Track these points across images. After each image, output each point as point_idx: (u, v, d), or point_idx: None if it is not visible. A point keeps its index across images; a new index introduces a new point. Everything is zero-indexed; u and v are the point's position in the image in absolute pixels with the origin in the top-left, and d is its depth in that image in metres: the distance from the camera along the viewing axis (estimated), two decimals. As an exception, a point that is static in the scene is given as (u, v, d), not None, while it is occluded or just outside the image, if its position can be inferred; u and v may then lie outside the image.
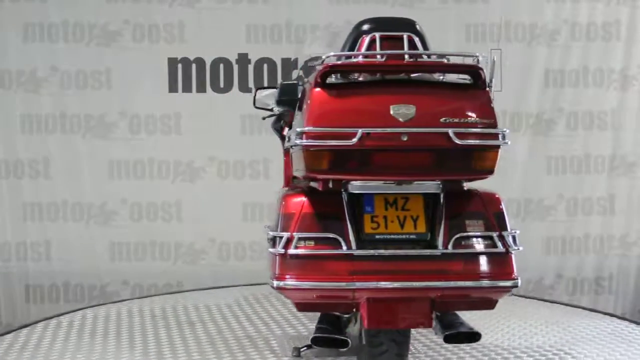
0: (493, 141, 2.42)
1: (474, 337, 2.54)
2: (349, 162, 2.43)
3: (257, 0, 5.33)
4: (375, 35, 2.67)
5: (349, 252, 2.44)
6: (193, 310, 4.31)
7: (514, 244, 2.49)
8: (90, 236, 5.30)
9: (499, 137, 2.42)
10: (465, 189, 2.61)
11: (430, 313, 2.46)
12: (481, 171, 2.47)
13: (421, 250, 2.47)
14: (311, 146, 2.40)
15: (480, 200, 2.55)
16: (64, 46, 5.24)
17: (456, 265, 2.45)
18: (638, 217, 5.50)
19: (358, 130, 2.36)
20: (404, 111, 2.39)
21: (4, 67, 5.23)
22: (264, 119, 3.77)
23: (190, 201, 5.32)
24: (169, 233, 5.31)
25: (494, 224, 2.50)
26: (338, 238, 2.44)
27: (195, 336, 3.74)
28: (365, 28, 2.87)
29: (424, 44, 2.77)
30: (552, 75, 5.45)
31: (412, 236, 2.50)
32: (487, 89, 2.48)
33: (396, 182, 2.53)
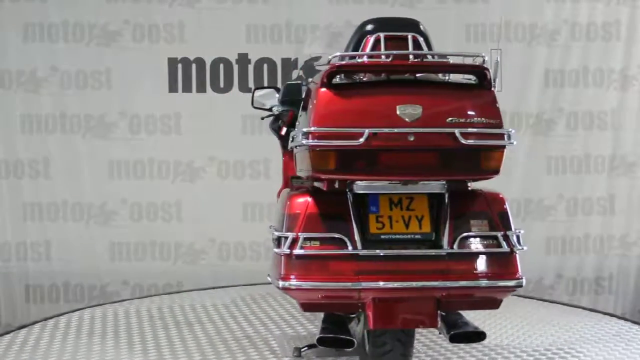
0: (499, 141, 2.43)
1: (479, 337, 2.54)
2: (356, 162, 2.43)
3: (257, 0, 5.33)
4: (379, 35, 2.67)
5: (354, 252, 2.44)
6: (193, 311, 4.31)
7: (519, 243, 2.50)
8: (90, 236, 5.30)
9: (505, 137, 2.43)
10: (470, 189, 2.62)
11: (435, 313, 2.47)
12: (487, 171, 2.48)
13: (427, 250, 2.47)
14: (318, 146, 2.40)
15: (485, 200, 2.56)
16: (64, 46, 5.24)
17: (461, 265, 2.46)
18: (638, 217, 5.51)
19: (365, 130, 2.36)
20: (410, 111, 2.40)
21: (4, 67, 5.23)
22: (262, 119, 3.78)
23: (190, 201, 5.32)
24: (169, 233, 5.31)
25: (499, 224, 2.51)
26: (344, 238, 2.44)
27: (195, 337, 3.74)
28: (370, 28, 2.87)
29: (428, 44, 2.77)
30: (552, 75, 5.45)
31: (417, 236, 2.50)
32: (493, 89, 2.49)
33: (402, 182, 2.53)
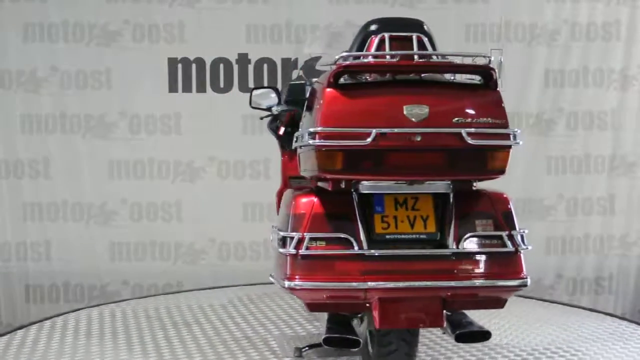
0: (505, 141, 2.44)
1: (484, 336, 2.55)
2: (362, 162, 2.43)
3: (257, 0, 5.33)
4: (384, 35, 2.68)
5: (360, 252, 2.45)
6: (193, 311, 4.31)
7: (523, 243, 2.52)
8: (90, 236, 5.30)
9: (510, 138, 2.44)
10: (474, 189, 2.62)
11: (441, 312, 2.47)
12: (493, 171, 2.49)
13: (433, 250, 2.48)
14: (325, 146, 2.40)
15: (489, 200, 2.57)
16: (64, 46, 5.24)
17: (467, 264, 2.47)
18: (638, 217, 5.51)
19: (372, 130, 2.37)
20: (417, 111, 2.40)
21: (4, 67, 5.23)
22: (261, 118, 3.78)
23: (190, 201, 5.32)
24: (169, 233, 5.31)
25: (503, 224, 2.53)
26: (349, 238, 2.45)
27: (195, 338, 3.73)
28: (374, 28, 2.86)
29: (432, 45, 2.78)
30: (552, 75, 5.45)
31: (423, 236, 2.51)
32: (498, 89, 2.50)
33: (408, 182, 2.54)
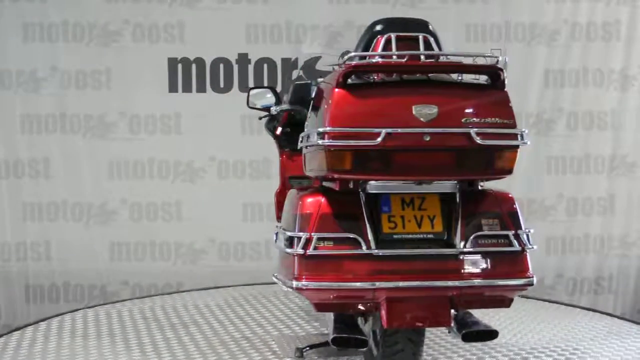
0: (514, 141, 2.45)
1: (490, 335, 2.55)
2: (372, 162, 2.43)
3: (257, 0, 5.33)
4: (390, 35, 2.68)
5: (368, 252, 2.45)
6: (192, 312, 4.30)
7: (528, 242, 2.53)
8: (90, 236, 5.30)
9: (518, 137, 2.45)
10: (480, 188, 2.63)
11: (449, 312, 2.48)
12: (501, 171, 2.50)
13: (440, 250, 2.49)
14: (334, 146, 2.40)
15: (495, 199, 2.58)
16: (64, 46, 5.25)
17: (474, 264, 2.48)
18: (638, 217, 5.51)
19: (382, 130, 2.36)
20: (426, 111, 2.41)
21: (4, 67, 5.23)
22: (260, 119, 3.78)
23: (190, 201, 5.32)
24: (169, 233, 5.31)
25: (509, 223, 2.53)
26: (358, 238, 2.45)
27: (195, 338, 3.72)
28: (380, 28, 2.87)
29: (438, 44, 2.79)
30: (552, 75, 5.45)
31: (430, 235, 2.51)
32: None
33: (416, 182, 2.54)
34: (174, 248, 5.32)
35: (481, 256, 2.49)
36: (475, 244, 2.48)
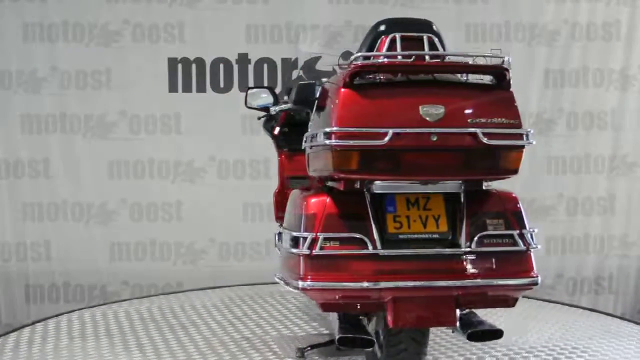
0: (520, 141, 2.46)
1: (495, 335, 2.56)
2: (379, 162, 2.44)
3: (257, 0, 5.33)
4: (395, 35, 2.68)
5: (374, 252, 2.45)
6: (192, 312, 4.30)
7: (532, 242, 2.52)
8: (90, 236, 5.30)
9: (524, 137, 2.46)
10: (484, 188, 2.64)
11: (454, 311, 2.48)
12: (506, 171, 2.51)
13: (446, 250, 2.49)
14: (341, 146, 2.40)
15: (499, 199, 2.58)
16: (64, 46, 5.24)
17: (480, 263, 2.48)
18: (638, 217, 5.51)
19: (389, 130, 2.37)
20: (433, 111, 2.41)
21: (4, 67, 5.23)
22: (259, 119, 3.78)
23: (190, 201, 5.32)
24: (169, 233, 5.31)
25: (514, 223, 2.54)
26: (364, 238, 2.45)
27: (195, 339, 3.72)
28: (383, 29, 2.86)
29: (442, 45, 2.78)
30: (552, 75, 5.45)
31: (435, 235, 2.52)
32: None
33: (422, 182, 2.54)
34: (174, 248, 5.32)
35: (486, 256, 2.49)
36: (480, 243, 2.49)
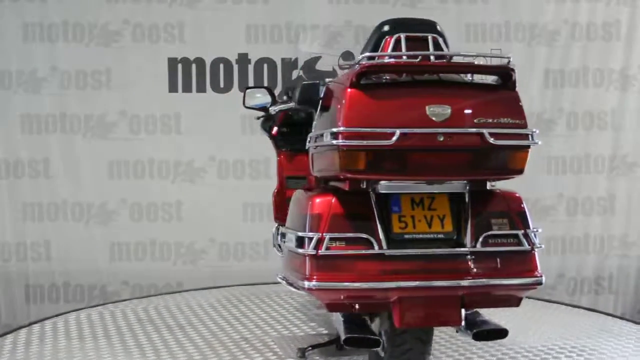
0: (526, 141, 2.49)
1: (499, 334, 2.56)
2: (385, 162, 2.44)
3: (257, 0, 5.33)
4: (400, 36, 2.68)
5: (380, 252, 2.45)
6: (192, 312, 4.30)
7: (536, 241, 2.53)
8: (90, 236, 5.30)
9: (529, 138, 2.48)
10: (488, 188, 2.64)
11: (460, 311, 2.49)
12: (512, 171, 2.53)
13: (451, 250, 2.50)
14: (348, 146, 2.39)
15: (504, 199, 2.60)
16: (64, 46, 5.24)
17: (485, 263, 2.49)
18: (638, 217, 5.51)
19: (396, 130, 2.37)
20: (439, 111, 2.41)
21: (4, 67, 5.23)
22: (257, 119, 3.78)
23: (190, 201, 5.32)
24: (169, 233, 5.30)
25: (518, 223, 2.55)
26: (369, 238, 2.45)
27: (195, 339, 3.71)
28: (388, 29, 2.86)
29: (446, 45, 2.79)
30: (552, 75, 5.45)
31: (440, 235, 2.52)
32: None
33: (427, 182, 2.54)
34: (174, 248, 5.32)
35: (491, 255, 2.50)
36: (485, 243, 2.50)
